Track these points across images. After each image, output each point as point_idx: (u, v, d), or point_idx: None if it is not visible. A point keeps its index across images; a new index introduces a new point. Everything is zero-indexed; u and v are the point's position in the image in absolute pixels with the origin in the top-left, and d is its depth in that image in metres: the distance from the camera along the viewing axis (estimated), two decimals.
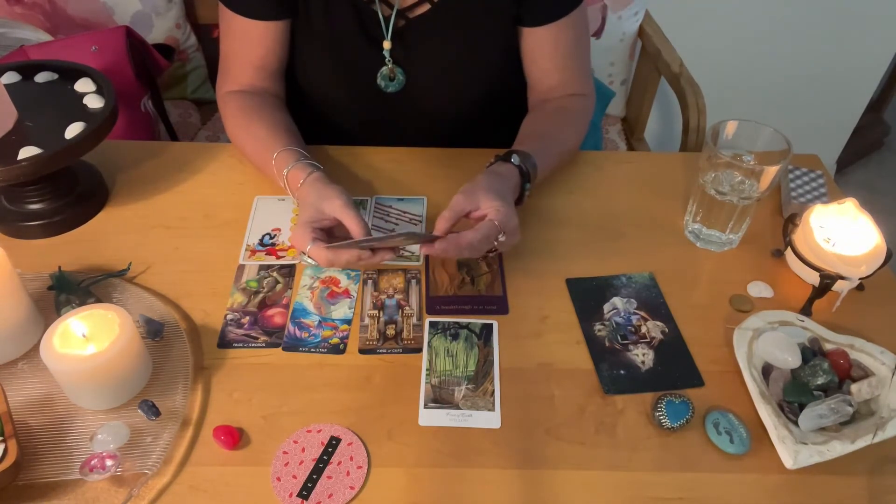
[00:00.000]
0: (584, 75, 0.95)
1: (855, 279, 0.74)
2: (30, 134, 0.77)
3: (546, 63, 0.92)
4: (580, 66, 0.94)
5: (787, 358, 0.67)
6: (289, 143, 0.83)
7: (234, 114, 0.89)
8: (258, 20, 0.86)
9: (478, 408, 0.66)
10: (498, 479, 0.61)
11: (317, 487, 0.59)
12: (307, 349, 0.71)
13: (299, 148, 0.83)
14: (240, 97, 0.90)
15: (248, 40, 0.88)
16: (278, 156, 0.82)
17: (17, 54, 1.12)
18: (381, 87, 0.91)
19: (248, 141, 0.88)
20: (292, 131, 0.88)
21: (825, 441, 0.61)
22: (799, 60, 1.87)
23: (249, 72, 0.90)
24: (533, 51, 0.92)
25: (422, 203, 0.88)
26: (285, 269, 0.79)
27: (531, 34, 0.90)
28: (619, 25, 1.50)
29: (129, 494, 0.58)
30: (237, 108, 0.89)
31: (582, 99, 0.94)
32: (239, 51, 0.89)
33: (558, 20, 0.88)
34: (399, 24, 0.87)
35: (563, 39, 0.91)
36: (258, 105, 0.89)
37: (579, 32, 0.92)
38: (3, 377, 0.66)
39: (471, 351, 0.71)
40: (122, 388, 0.64)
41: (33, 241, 0.81)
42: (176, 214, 0.86)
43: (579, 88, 0.94)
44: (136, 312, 0.71)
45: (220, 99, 0.92)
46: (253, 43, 0.88)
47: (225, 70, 0.92)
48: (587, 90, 0.95)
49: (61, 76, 0.86)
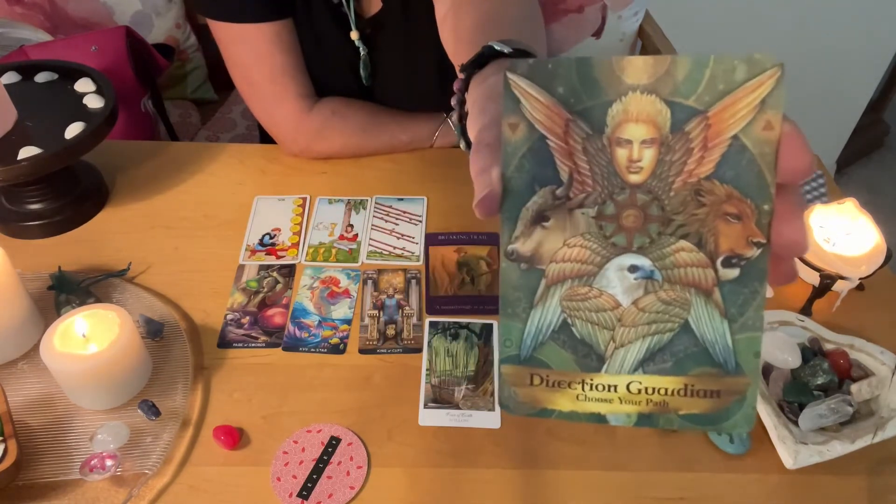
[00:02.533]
0: None
1: (855, 279, 0.74)
2: (30, 134, 0.77)
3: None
4: None
5: (787, 358, 0.67)
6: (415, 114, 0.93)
7: (329, 122, 0.90)
8: (272, 21, 0.84)
9: (478, 408, 0.66)
10: (498, 479, 0.61)
11: (317, 487, 0.59)
12: (307, 349, 0.71)
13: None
14: (312, 112, 0.89)
15: (271, 49, 0.85)
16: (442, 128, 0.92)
17: (17, 54, 1.12)
18: (363, 77, 0.93)
19: (379, 135, 0.92)
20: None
21: (825, 441, 0.61)
22: (799, 60, 1.86)
23: (287, 81, 0.88)
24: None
25: (422, 203, 0.88)
26: (285, 269, 0.79)
27: None
28: (619, 25, 1.50)
29: (129, 494, 0.58)
30: (328, 117, 0.90)
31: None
32: (271, 66, 0.86)
33: None
34: (368, 20, 0.89)
35: None
36: (342, 104, 0.91)
37: None
38: (3, 377, 0.66)
39: (471, 351, 0.71)
40: (122, 388, 0.64)
41: (33, 241, 0.81)
42: (176, 214, 0.85)
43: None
44: (136, 312, 0.71)
45: (286, 123, 0.89)
46: (278, 48, 0.85)
47: (267, 95, 0.88)
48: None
49: (61, 76, 0.86)
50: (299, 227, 0.85)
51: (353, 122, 0.92)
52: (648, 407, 0.29)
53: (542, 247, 0.29)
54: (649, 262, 0.29)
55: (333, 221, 0.85)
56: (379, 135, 0.93)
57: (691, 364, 0.29)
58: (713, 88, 0.27)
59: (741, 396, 0.28)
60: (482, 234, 0.84)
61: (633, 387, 0.29)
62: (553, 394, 0.30)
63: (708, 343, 0.28)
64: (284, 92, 0.88)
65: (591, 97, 0.28)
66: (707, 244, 0.28)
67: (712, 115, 0.27)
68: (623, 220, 0.29)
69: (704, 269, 0.28)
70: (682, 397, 0.29)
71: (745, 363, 0.28)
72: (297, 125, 0.90)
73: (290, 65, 0.87)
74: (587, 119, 0.28)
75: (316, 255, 0.81)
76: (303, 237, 0.83)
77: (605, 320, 0.29)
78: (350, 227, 0.85)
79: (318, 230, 0.84)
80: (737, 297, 0.28)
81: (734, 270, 0.28)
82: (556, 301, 0.29)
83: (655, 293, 0.29)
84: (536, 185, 0.29)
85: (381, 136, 0.93)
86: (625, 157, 0.28)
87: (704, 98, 0.27)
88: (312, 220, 0.85)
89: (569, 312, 0.29)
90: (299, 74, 0.89)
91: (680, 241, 0.28)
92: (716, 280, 0.28)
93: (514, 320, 0.30)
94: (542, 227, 0.29)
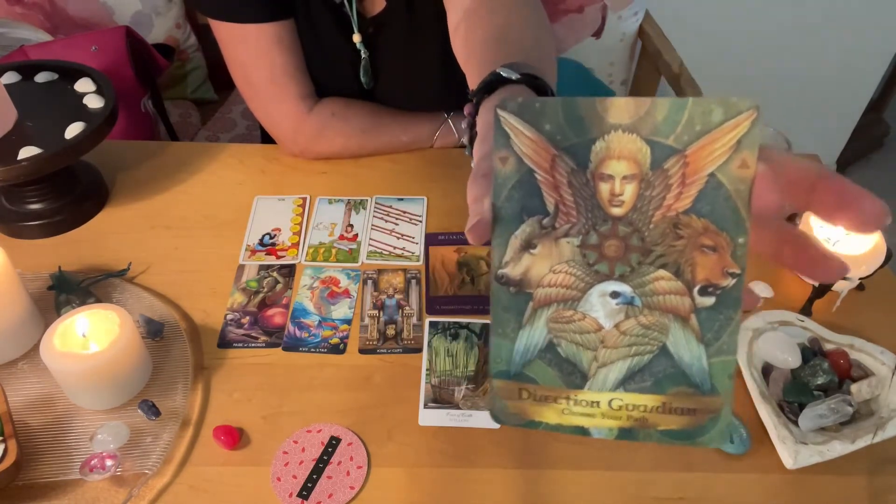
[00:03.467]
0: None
1: (855, 279, 0.74)
2: (30, 134, 0.77)
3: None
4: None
5: (787, 358, 0.67)
6: (416, 113, 0.94)
7: (329, 124, 0.90)
8: (273, 22, 0.83)
9: (478, 408, 0.66)
10: (498, 479, 0.61)
11: (317, 487, 0.59)
12: (307, 349, 0.71)
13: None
14: (312, 113, 0.89)
15: (272, 49, 0.85)
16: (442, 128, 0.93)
17: (17, 54, 1.12)
18: (365, 83, 0.92)
19: (379, 135, 0.92)
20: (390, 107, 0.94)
21: (825, 441, 0.61)
22: (799, 60, 1.87)
23: (287, 81, 0.87)
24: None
25: (422, 203, 0.88)
26: (285, 269, 0.79)
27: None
28: (619, 25, 1.50)
29: (129, 494, 0.58)
30: (328, 118, 0.90)
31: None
32: (271, 66, 0.86)
33: None
34: (370, 23, 0.88)
35: None
36: (342, 105, 0.91)
37: None
38: (3, 377, 0.66)
39: (471, 351, 0.71)
40: (122, 388, 0.64)
41: (33, 241, 0.81)
42: (176, 214, 0.86)
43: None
44: (136, 312, 0.71)
45: (285, 124, 0.89)
46: (279, 48, 0.85)
47: (267, 95, 0.88)
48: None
49: (61, 76, 0.86)
50: (299, 227, 0.85)
51: (353, 123, 0.91)
52: (629, 422, 0.31)
53: (530, 272, 0.31)
54: (630, 288, 0.30)
55: (333, 221, 0.85)
56: (379, 136, 0.93)
57: (669, 384, 0.30)
58: (691, 129, 0.29)
59: (716, 415, 0.30)
60: None
61: (615, 403, 0.31)
62: (540, 407, 0.32)
63: (685, 365, 0.30)
64: (284, 93, 0.88)
65: (577, 135, 0.30)
66: (685, 273, 0.30)
67: (690, 154, 0.29)
68: (605, 249, 0.30)
69: (682, 297, 0.30)
70: (660, 414, 0.31)
71: (719, 384, 0.30)
72: (296, 126, 0.90)
73: (290, 65, 0.87)
74: (572, 155, 0.30)
75: (316, 255, 0.81)
76: (303, 237, 0.83)
77: (588, 342, 0.31)
78: (350, 227, 0.85)
79: (318, 230, 0.84)
80: (712, 323, 0.30)
81: (710, 298, 0.30)
82: (543, 322, 0.31)
83: (636, 318, 0.30)
84: (525, 215, 0.31)
85: (382, 137, 0.93)
86: (607, 191, 0.30)
87: (683, 138, 0.29)
88: (312, 220, 0.85)
89: (554, 333, 0.31)
90: (300, 75, 0.89)
91: (659, 271, 0.30)
92: (693, 307, 0.30)
93: (504, 339, 0.32)
94: (529, 254, 0.31)
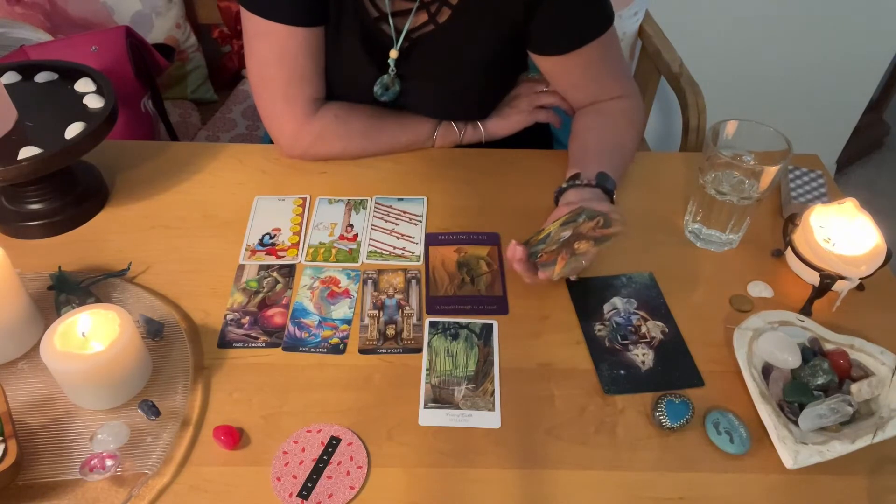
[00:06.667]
0: (618, 80, 0.92)
1: (855, 279, 0.74)
2: (30, 134, 0.77)
3: (573, 84, 0.91)
4: (613, 76, 0.91)
5: (787, 358, 0.67)
6: (418, 116, 0.95)
7: (330, 127, 0.90)
8: (304, 27, 0.83)
9: (478, 408, 0.66)
10: (498, 479, 0.61)
11: (317, 487, 0.59)
12: (307, 349, 0.71)
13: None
14: (315, 116, 0.89)
15: (298, 53, 0.85)
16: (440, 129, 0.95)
17: (17, 54, 1.12)
18: (377, 93, 0.91)
19: (379, 137, 0.92)
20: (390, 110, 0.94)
21: (825, 441, 0.61)
22: (799, 60, 1.87)
23: (302, 85, 0.88)
24: (556, 74, 0.90)
25: (422, 203, 0.88)
26: (285, 269, 0.79)
27: (551, 60, 0.88)
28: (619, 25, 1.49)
29: (129, 494, 0.58)
30: (330, 121, 0.90)
31: (619, 102, 0.92)
32: (291, 68, 0.86)
33: (582, 47, 0.85)
34: (404, 42, 0.88)
35: (589, 63, 0.88)
36: (345, 109, 0.91)
37: (606, 48, 0.88)
38: (3, 377, 0.66)
39: (471, 351, 0.71)
40: (122, 388, 0.64)
41: (33, 241, 0.81)
42: (176, 214, 0.86)
43: (617, 92, 0.92)
44: (136, 312, 0.71)
45: (289, 125, 0.89)
46: (304, 53, 0.85)
47: (278, 96, 0.88)
48: (626, 91, 0.92)
49: (61, 76, 0.86)
50: (299, 227, 0.85)
51: (354, 126, 0.91)
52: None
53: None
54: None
55: (333, 221, 0.85)
56: (379, 137, 0.93)
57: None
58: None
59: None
60: (482, 235, 0.84)
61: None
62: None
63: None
64: (296, 96, 0.88)
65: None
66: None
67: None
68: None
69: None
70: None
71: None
72: (299, 128, 0.90)
73: (309, 70, 0.87)
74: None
75: (316, 255, 0.81)
76: (303, 237, 0.83)
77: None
78: (350, 227, 0.85)
79: (318, 230, 0.84)
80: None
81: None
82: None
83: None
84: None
85: (382, 139, 0.93)
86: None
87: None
88: (312, 220, 0.85)
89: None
90: (316, 79, 0.89)
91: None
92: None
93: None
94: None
